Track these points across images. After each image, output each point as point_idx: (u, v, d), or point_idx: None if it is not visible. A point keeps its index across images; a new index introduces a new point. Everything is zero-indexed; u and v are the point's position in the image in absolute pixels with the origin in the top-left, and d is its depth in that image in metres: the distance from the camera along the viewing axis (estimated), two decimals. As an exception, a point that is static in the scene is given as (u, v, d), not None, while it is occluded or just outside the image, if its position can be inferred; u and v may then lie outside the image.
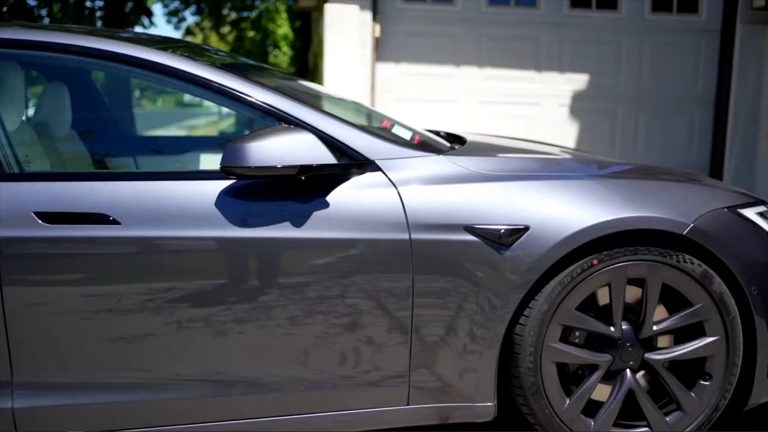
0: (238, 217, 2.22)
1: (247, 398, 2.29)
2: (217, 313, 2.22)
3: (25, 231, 2.14)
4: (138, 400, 2.25)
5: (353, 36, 6.23)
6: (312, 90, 3.12)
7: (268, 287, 2.23)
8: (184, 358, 2.25)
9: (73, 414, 2.23)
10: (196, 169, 3.42)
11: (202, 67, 2.35)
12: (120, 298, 2.19)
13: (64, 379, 2.21)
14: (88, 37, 2.42)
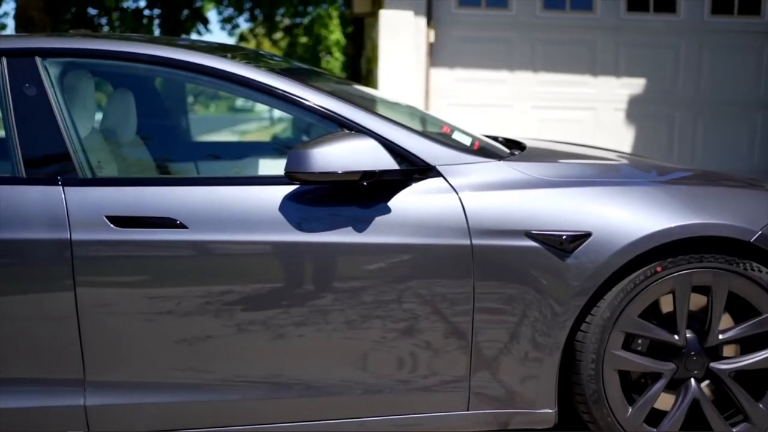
0: (302, 222, 2.25)
1: (305, 401, 2.32)
2: (282, 316, 2.26)
3: (98, 234, 2.21)
4: (201, 400, 2.29)
5: (408, 41, 6.26)
6: (370, 95, 3.15)
7: (330, 292, 2.26)
8: (247, 360, 2.29)
9: (141, 413, 2.29)
10: (255, 174, 3.48)
11: (267, 75, 2.40)
12: (186, 301, 2.24)
13: (133, 378, 2.27)
14: (157, 46, 2.49)
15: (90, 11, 17.45)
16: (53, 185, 2.25)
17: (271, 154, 3.99)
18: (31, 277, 2.22)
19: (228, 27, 19.67)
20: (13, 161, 2.29)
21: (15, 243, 2.20)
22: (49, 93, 2.33)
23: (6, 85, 2.31)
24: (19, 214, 2.22)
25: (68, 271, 2.19)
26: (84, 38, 2.57)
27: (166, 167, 3.33)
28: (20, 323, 2.23)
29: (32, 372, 2.25)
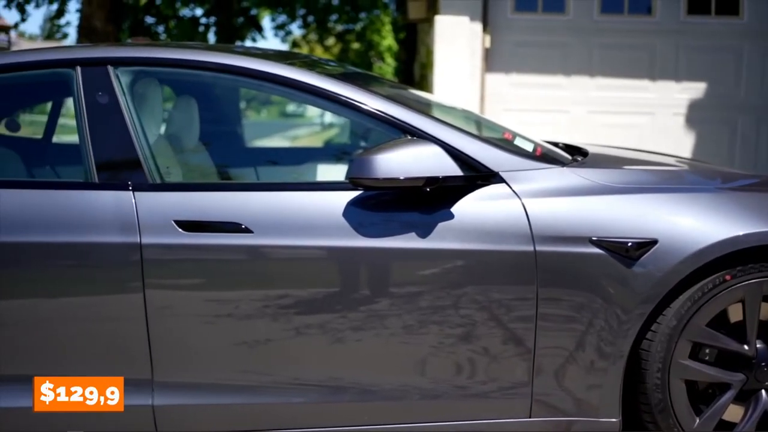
0: (365, 228, 2.27)
1: (363, 405, 2.33)
2: (343, 320, 2.28)
3: (166, 238, 2.26)
4: (261, 402, 2.32)
5: (463, 47, 6.26)
6: (428, 100, 3.16)
7: (391, 297, 2.27)
8: (308, 363, 2.31)
9: (205, 413, 2.33)
10: (314, 179, 3.51)
11: (331, 82, 2.42)
12: (248, 304, 2.27)
13: (198, 379, 2.32)
14: (222, 54, 2.54)
15: (147, 20, 17.85)
16: (124, 190, 2.31)
17: (328, 159, 4.02)
18: (102, 279, 2.28)
19: (281, 34, 19.91)
20: (86, 167, 2.36)
21: (88, 246, 2.26)
22: (121, 101, 2.39)
23: (80, 93, 2.39)
24: (91, 218, 2.28)
25: (138, 274, 2.25)
26: (153, 47, 2.64)
27: (227, 173, 3.39)
28: (92, 324, 2.29)
29: (103, 371, 2.31)
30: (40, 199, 2.32)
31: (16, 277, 2.28)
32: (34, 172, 3.13)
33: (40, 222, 2.27)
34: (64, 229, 2.27)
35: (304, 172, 3.65)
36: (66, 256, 2.27)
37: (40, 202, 2.31)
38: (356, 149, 3.74)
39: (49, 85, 2.93)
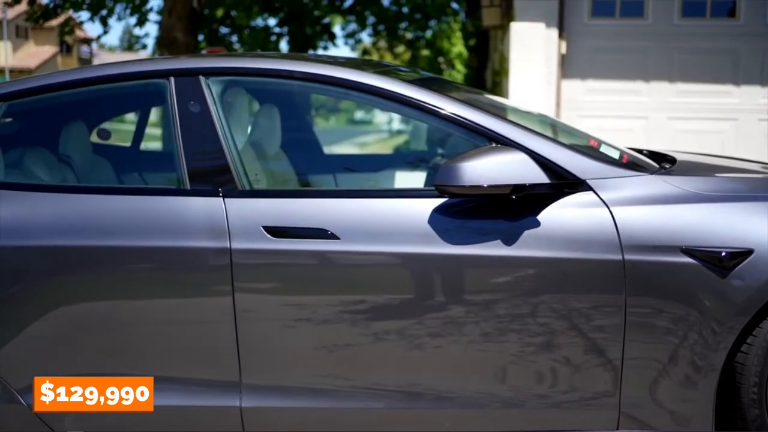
0: (450, 235, 2.27)
1: (441, 412, 2.33)
2: (430, 326, 2.28)
3: (255, 244, 2.31)
4: (343, 407, 2.35)
5: (539, 53, 6.21)
6: (510, 106, 3.14)
7: (477, 304, 2.26)
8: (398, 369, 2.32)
9: (291, 416, 2.37)
10: (392, 186, 3.54)
11: (419, 91, 2.44)
12: (335, 309, 2.30)
13: (284, 382, 2.36)
14: (308, 63, 2.59)
15: (222, 30, 18.28)
16: (215, 197, 2.37)
17: (405, 166, 4.04)
18: (193, 283, 2.35)
19: (351, 42, 20.12)
20: (179, 174, 2.43)
21: (180, 251, 2.33)
22: (212, 109, 2.46)
23: (173, 102, 2.46)
24: (184, 223, 2.35)
25: (227, 278, 2.30)
26: (243, 57, 2.71)
27: (308, 180, 3.44)
28: (183, 326, 2.36)
29: (193, 372, 2.37)
30: (135, 205, 2.40)
31: (111, 280, 2.37)
32: (127, 178, 3.25)
33: (135, 227, 2.35)
34: (158, 234, 2.34)
35: (383, 179, 3.68)
36: (159, 260, 2.34)
37: (135, 208, 2.39)
38: (433, 156, 3.75)
39: (144, 95, 3.03)
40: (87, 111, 3.10)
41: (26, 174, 2.68)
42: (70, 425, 2.40)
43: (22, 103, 2.60)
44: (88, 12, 11.98)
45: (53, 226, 2.36)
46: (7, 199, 2.41)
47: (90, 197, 2.44)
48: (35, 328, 2.35)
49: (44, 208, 2.40)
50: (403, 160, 4.55)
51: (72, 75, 2.61)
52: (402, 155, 5.52)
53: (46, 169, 2.73)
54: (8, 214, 2.38)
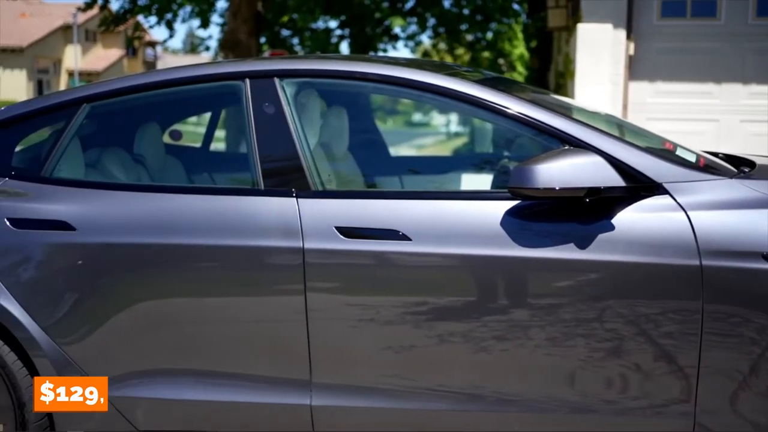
0: (523, 237, 2.26)
1: (508, 415, 2.32)
2: (497, 328, 2.28)
3: (328, 244, 2.34)
4: (410, 407, 2.35)
5: (606, 55, 6.12)
6: (579, 108, 3.10)
7: (549, 308, 2.24)
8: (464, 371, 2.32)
9: (359, 415, 2.38)
10: (458, 188, 3.53)
11: (495, 93, 2.43)
12: (404, 310, 2.31)
13: (353, 382, 2.38)
14: (381, 65, 2.60)
15: (283, 32, 18.50)
16: (288, 197, 2.40)
17: (471, 168, 4.03)
18: (266, 282, 2.38)
19: (411, 44, 20.13)
20: (253, 174, 2.47)
21: (253, 250, 2.37)
22: (286, 111, 2.50)
23: (249, 104, 2.51)
24: (257, 223, 2.39)
25: (300, 278, 2.33)
26: (316, 59, 2.75)
27: (374, 181, 3.46)
28: (255, 324, 2.40)
29: (264, 370, 2.41)
30: (210, 204, 2.45)
31: (185, 278, 2.42)
32: (198, 179, 3.32)
33: (210, 226, 2.40)
34: (232, 233, 2.38)
35: (449, 181, 3.67)
36: (233, 258, 2.38)
37: (209, 207, 2.44)
38: (499, 158, 3.73)
39: (219, 96, 3.10)
40: (162, 112, 3.19)
41: (104, 173, 2.76)
42: (143, 419, 2.46)
43: (104, 104, 2.68)
44: (155, 17, 12.31)
45: (130, 224, 2.43)
46: (86, 197, 2.49)
47: (167, 196, 2.50)
48: (112, 323, 2.42)
49: (122, 206, 2.47)
50: (468, 162, 4.54)
51: (151, 77, 2.68)
52: (467, 157, 5.50)
53: (122, 168, 2.81)
54: (87, 211, 2.46)
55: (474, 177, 3.70)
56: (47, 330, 2.42)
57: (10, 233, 2.45)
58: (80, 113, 2.63)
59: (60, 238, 2.43)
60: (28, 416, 2.42)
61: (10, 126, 2.68)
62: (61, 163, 2.60)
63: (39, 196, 2.50)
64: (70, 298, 2.43)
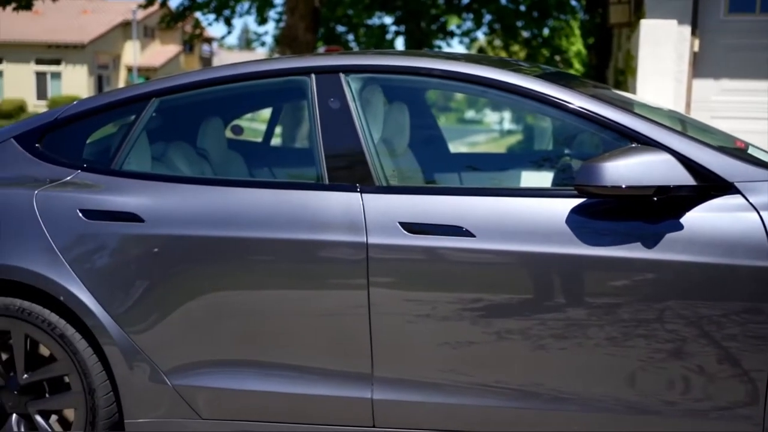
0: (589, 236, 2.23)
1: (567, 414, 2.30)
2: (561, 327, 2.26)
3: (391, 239, 2.35)
4: (470, 404, 2.34)
5: (669, 51, 5.98)
6: (646, 105, 3.05)
7: (615, 307, 2.22)
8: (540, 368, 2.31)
9: (419, 410, 2.39)
10: (518, 185, 3.50)
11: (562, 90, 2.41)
12: (466, 306, 2.31)
13: (414, 376, 2.38)
14: (447, 61, 2.60)
15: (338, 28, 18.60)
16: (353, 192, 2.42)
17: (530, 165, 3.99)
18: (329, 275, 2.40)
19: (466, 40, 20.03)
20: (318, 169, 2.50)
21: (317, 244, 2.39)
22: (351, 106, 2.51)
23: (314, 99, 2.53)
24: (322, 217, 2.41)
25: (363, 272, 2.35)
26: (381, 55, 2.75)
27: (435, 177, 3.46)
28: (317, 317, 2.42)
29: (325, 363, 2.43)
30: (274, 198, 2.48)
31: (249, 270, 2.45)
32: (260, 173, 3.36)
33: (274, 219, 2.43)
34: (296, 226, 2.41)
35: (508, 178, 3.65)
36: (296, 252, 2.41)
37: (274, 201, 2.47)
38: (559, 156, 3.69)
39: (284, 91, 3.13)
40: (227, 107, 3.23)
41: (170, 166, 2.82)
42: (206, 408, 2.51)
43: (172, 99, 2.73)
44: (213, 14, 12.50)
45: (196, 216, 2.47)
46: (154, 190, 2.54)
47: (232, 190, 2.53)
48: (178, 313, 2.47)
49: (189, 199, 2.51)
50: (526, 160, 4.50)
51: (218, 72, 2.72)
52: (525, 154, 5.46)
53: (186, 162, 2.87)
54: (155, 204, 2.51)
55: (534, 174, 3.67)
56: (116, 318, 2.48)
57: (82, 224, 2.51)
58: (149, 107, 2.69)
59: (129, 230, 2.49)
60: (97, 402, 2.49)
61: (82, 120, 2.75)
62: (130, 156, 2.66)
63: (109, 188, 2.57)
64: (138, 288, 2.48)
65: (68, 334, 2.49)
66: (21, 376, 2.56)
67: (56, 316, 2.50)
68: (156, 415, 2.51)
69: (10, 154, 2.71)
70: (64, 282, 2.47)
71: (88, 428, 2.50)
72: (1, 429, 2.58)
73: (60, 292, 2.48)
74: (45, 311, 2.50)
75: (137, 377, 2.49)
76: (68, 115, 2.74)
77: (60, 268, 2.48)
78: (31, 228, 2.52)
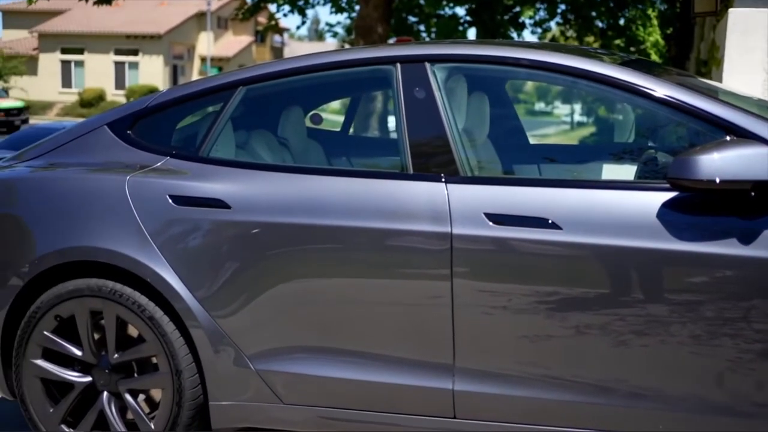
0: (682, 231, 2.18)
1: (645, 411, 2.25)
2: (645, 323, 2.21)
3: (476, 230, 2.33)
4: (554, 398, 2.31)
5: (760, 42, 5.75)
6: (736, 94, 2.95)
7: (707, 305, 2.16)
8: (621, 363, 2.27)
9: (499, 403, 2.36)
10: (599, 177, 3.43)
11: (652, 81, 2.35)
12: (550, 299, 2.28)
13: (495, 369, 2.36)
14: (534, 50, 2.57)
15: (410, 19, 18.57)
16: (437, 182, 2.41)
17: (610, 158, 3.91)
18: (412, 265, 2.40)
19: (538, 31, 19.73)
20: (402, 158, 2.49)
21: (401, 233, 2.39)
22: (436, 96, 2.50)
23: (399, 88, 2.53)
24: (406, 207, 2.41)
25: (447, 263, 2.34)
26: (467, 44, 2.73)
27: (514, 168, 3.41)
28: (399, 306, 2.42)
29: (405, 352, 2.43)
30: (358, 187, 2.49)
31: (332, 258, 2.47)
32: (341, 162, 3.38)
33: (357, 208, 2.44)
34: (380, 216, 2.42)
35: (589, 170, 3.58)
36: (380, 241, 2.41)
37: (357, 190, 2.48)
38: (642, 148, 3.60)
39: (367, 80, 3.14)
40: (310, 96, 3.26)
41: (253, 154, 2.86)
42: (288, 393, 2.54)
43: (258, 87, 2.77)
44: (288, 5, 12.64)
45: (281, 204, 2.50)
46: (240, 177, 2.58)
47: (316, 178, 2.56)
48: (262, 299, 2.51)
49: (274, 186, 2.55)
50: (607, 152, 4.41)
51: (303, 61, 2.74)
52: (606, 146, 5.34)
53: (269, 150, 2.90)
54: (241, 191, 2.55)
55: (615, 167, 3.58)
56: (202, 302, 2.53)
57: (170, 209, 2.58)
58: (236, 96, 2.73)
59: (216, 216, 2.54)
60: (184, 383, 2.55)
61: (171, 107, 2.81)
62: (217, 144, 2.71)
63: (197, 174, 2.62)
64: (224, 273, 2.53)
65: (157, 317, 2.56)
66: (112, 356, 2.64)
67: (146, 298, 2.57)
68: (239, 399, 2.56)
69: (103, 141, 2.79)
70: (154, 265, 2.54)
71: (174, 409, 2.57)
72: (93, 406, 2.67)
73: (149, 275, 2.54)
74: (135, 293, 2.57)
75: (222, 360, 2.54)
76: (159, 103, 2.81)
77: (150, 252, 2.55)
78: (122, 212, 2.59)
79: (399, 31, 17.74)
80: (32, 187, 2.77)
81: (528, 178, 2.88)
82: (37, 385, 2.68)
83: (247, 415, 2.58)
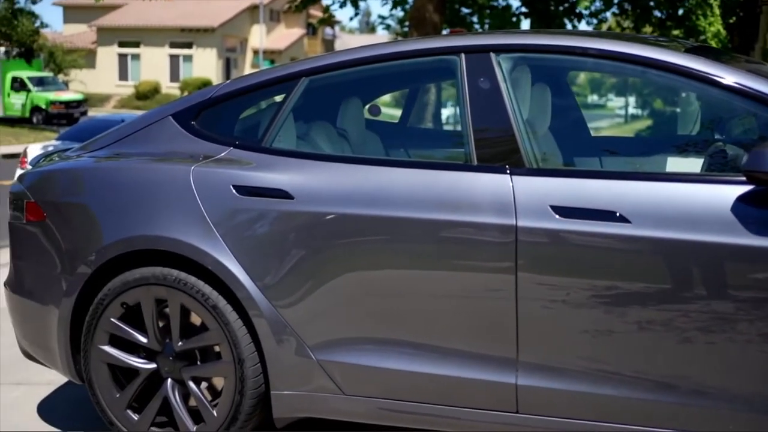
0: (757, 226, 2.11)
1: (707, 410, 2.21)
2: (714, 319, 2.16)
3: (542, 222, 2.29)
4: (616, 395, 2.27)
5: (831, 30, 5.55)
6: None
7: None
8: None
9: (562, 398, 2.33)
10: (663, 170, 3.35)
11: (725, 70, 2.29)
12: (617, 293, 2.23)
13: (559, 364, 2.32)
14: (602, 40, 2.52)
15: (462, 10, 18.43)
16: (502, 174, 2.38)
17: (673, 150, 3.81)
18: (476, 257, 2.37)
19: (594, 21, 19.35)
20: (466, 149, 2.47)
21: (464, 225, 2.37)
22: (501, 87, 2.47)
23: (463, 79, 2.50)
24: (470, 198, 2.38)
25: (511, 255, 2.31)
26: (532, 34, 2.69)
27: (575, 160, 3.36)
28: (461, 299, 2.40)
29: (468, 345, 2.41)
30: (421, 178, 2.47)
31: (393, 249, 2.46)
32: (400, 153, 3.36)
33: (421, 199, 2.42)
34: (443, 207, 2.39)
35: (652, 162, 3.50)
36: (442, 233, 2.39)
37: (420, 181, 2.46)
38: (707, 141, 3.50)
39: (431, 71, 3.12)
40: (372, 86, 3.25)
41: (313, 145, 2.86)
42: (348, 384, 2.54)
43: (321, 78, 2.76)
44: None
45: (344, 195, 2.50)
46: (302, 168, 2.58)
47: (380, 169, 2.54)
48: (323, 290, 2.51)
49: (337, 177, 2.54)
50: (670, 144, 4.31)
51: (366, 52, 2.73)
52: (669, 138, 5.21)
53: (329, 141, 2.90)
54: (304, 181, 2.55)
55: (680, 159, 3.50)
56: (265, 292, 2.55)
57: (234, 199, 2.59)
58: (299, 86, 2.73)
59: (279, 206, 2.55)
60: (246, 372, 2.58)
61: (235, 98, 2.83)
62: (280, 134, 2.72)
63: (260, 165, 2.63)
64: (286, 263, 2.54)
65: (220, 306, 2.59)
66: (176, 343, 2.68)
67: (209, 287, 2.60)
68: (300, 389, 2.57)
69: (168, 131, 2.82)
70: (217, 254, 2.56)
71: (237, 397, 2.59)
72: (157, 392, 2.72)
73: (212, 264, 2.57)
74: (199, 282, 2.60)
75: (283, 350, 2.55)
76: (222, 94, 2.83)
77: (214, 242, 2.57)
78: (187, 202, 2.62)
79: (452, 23, 17.61)
80: (99, 177, 2.82)
81: (594, 171, 2.83)
82: (105, 370, 2.74)
83: (308, 405, 2.59)
